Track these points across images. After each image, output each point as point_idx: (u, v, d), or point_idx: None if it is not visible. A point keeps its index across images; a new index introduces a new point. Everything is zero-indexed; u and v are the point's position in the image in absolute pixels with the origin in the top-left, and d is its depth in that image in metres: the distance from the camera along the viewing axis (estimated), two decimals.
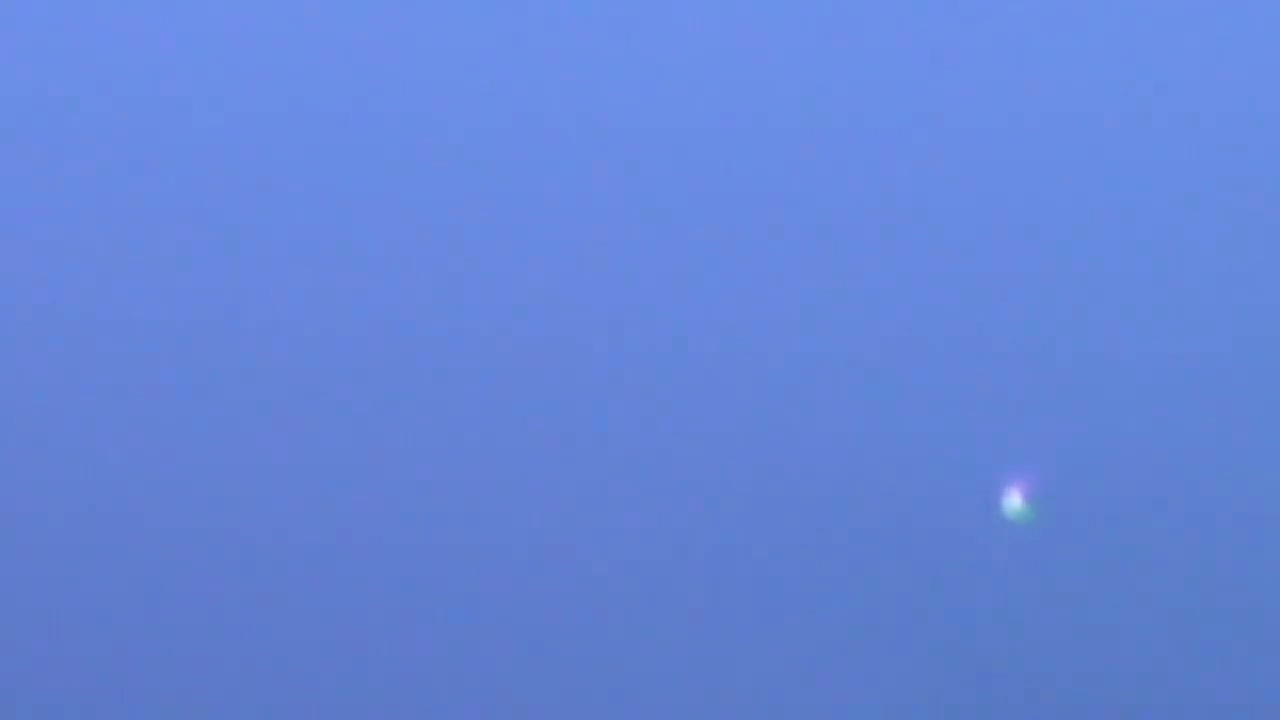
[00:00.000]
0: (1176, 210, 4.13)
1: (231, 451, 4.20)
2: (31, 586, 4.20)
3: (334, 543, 4.22)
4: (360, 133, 4.16)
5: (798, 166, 4.13)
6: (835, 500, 4.18)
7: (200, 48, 4.14)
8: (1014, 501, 4.03)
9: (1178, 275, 4.14)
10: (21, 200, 4.17)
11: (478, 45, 4.14)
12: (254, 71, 4.14)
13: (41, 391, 4.19)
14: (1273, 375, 4.14)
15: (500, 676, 4.23)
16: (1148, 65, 4.09)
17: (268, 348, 4.19)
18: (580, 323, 4.17)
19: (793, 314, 4.16)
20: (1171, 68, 4.09)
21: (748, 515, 4.20)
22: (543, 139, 4.16)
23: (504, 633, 4.23)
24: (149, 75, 4.14)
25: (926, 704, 4.17)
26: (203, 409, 4.20)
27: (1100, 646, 4.19)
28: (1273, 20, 4.07)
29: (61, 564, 4.21)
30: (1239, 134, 4.10)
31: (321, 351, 4.19)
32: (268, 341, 4.19)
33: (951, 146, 4.12)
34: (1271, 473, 4.15)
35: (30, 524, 4.20)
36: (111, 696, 4.21)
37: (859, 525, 4.18)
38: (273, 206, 4.18)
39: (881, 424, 4.17)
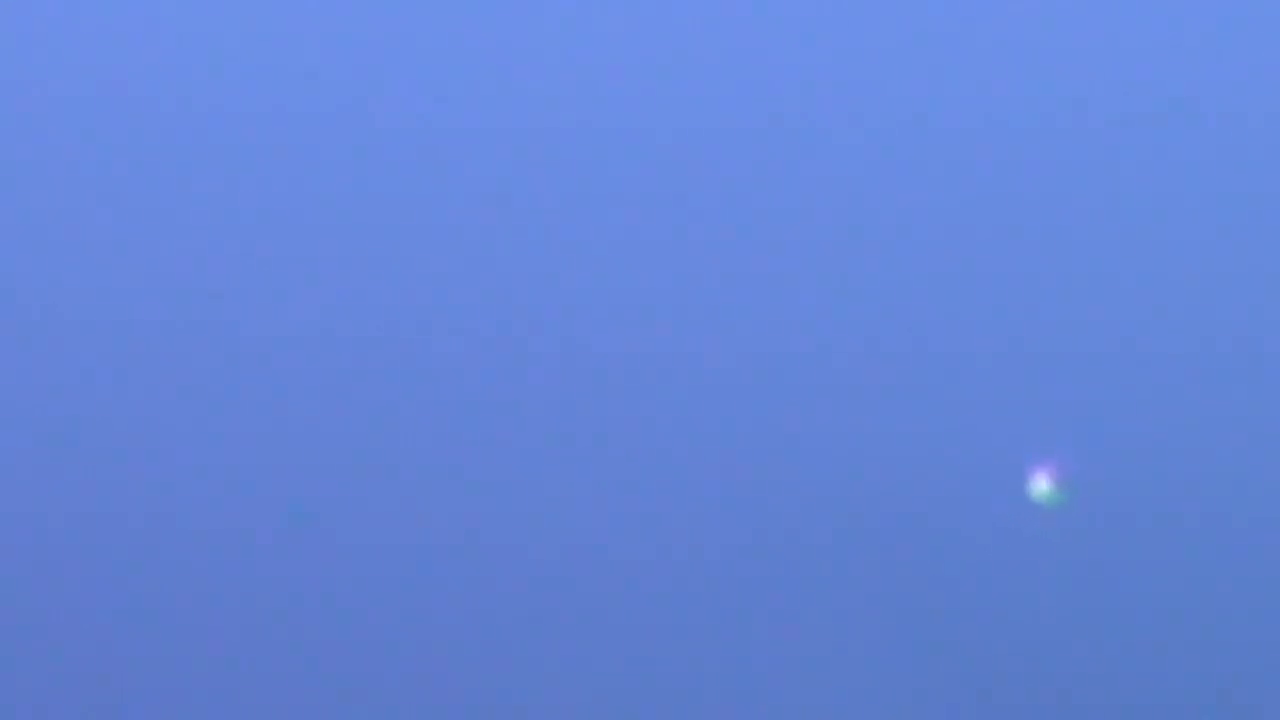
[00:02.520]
0: (1180, 210, 4.14)
1: (230, 451, 4.21)
2: (31, 586, 4.20)
3: (334, 542, 4.22)
4: (359, 132, 4.17)
5: (801, 165, 4.14)
6: (837, 500, 4.19)
7: (200, 47, 4.15)
8: (1041, 485, 4.04)
9: (1180, 274, 4.15)
10: (21, 200, 4.18)
11: (477, 44, 4.15)
12: (253, 71, 4.15)
13: (41, 391, 4.19)
14: (1273, 374, 4.15)
15: (500, 676, 4.23)
16: (1152, 65, 4.11)
17: (267, 347, 4.19)
18: (583, 323, 4.18)
19: (797, 313, 4.17)
20: (1174, 67, 4.11)
21: (749, 516, 4.20)
22: (543, 139, 4.17)
23: (504, 633, 4.23)
24: (149, 74, 4.15)
25: (929, 704, 4.18)
26: (202, 408, 4.20)
27: (1102, 647, 4.20)
28: (1273, 20, 4.09)
29: (61, 564, 4.21)
30: (1242, 134, 4.12)
31: (320, 351, 4.19)
32: (267, 341, 4.19)
33: (953, 147, 4.13)
34: (1272, 473, 4.16)
35: (30, 524, 4.21)
36: (111, 696, 4.21)
37: (862, 525, 4.19)
38: (272, 206, 4.18)
39: (883, 424, 4.18)
